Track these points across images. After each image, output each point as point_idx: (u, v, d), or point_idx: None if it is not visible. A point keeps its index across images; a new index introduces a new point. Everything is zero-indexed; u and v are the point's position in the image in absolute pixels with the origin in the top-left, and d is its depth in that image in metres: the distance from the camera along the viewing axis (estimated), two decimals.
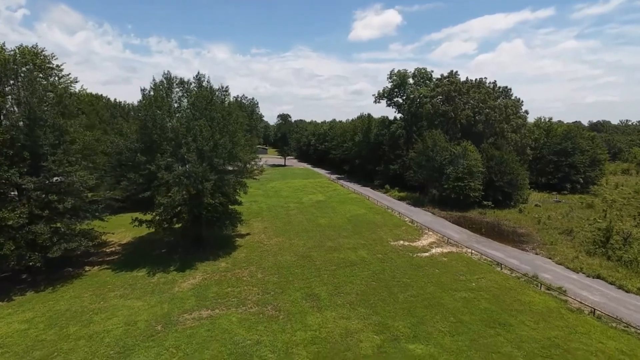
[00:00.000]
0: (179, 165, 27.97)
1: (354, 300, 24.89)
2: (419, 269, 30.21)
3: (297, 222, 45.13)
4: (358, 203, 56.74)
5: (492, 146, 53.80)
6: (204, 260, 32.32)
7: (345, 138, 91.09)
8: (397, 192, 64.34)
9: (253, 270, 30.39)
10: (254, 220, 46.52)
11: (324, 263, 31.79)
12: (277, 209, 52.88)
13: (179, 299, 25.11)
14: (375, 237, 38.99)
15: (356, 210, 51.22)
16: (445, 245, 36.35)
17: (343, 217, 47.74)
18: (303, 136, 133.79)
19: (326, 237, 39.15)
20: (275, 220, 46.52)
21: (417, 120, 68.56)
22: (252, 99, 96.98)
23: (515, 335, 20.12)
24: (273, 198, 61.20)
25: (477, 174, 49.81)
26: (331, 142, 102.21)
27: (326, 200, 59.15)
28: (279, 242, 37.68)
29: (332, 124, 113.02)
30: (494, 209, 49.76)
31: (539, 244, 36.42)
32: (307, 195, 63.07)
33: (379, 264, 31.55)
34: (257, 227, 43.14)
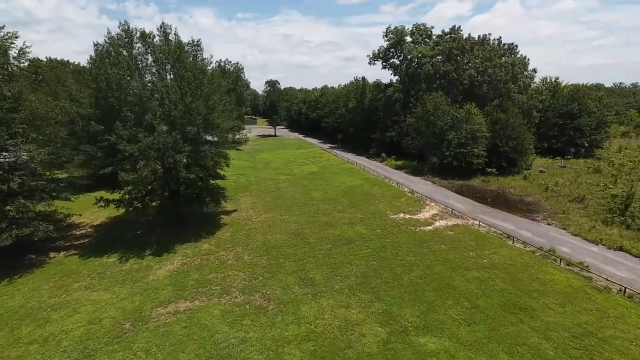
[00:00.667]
0: (145, 135, 23.57)
1: (353, 284, 22.01)
2: (424, 245, 27.37)
3: (289, 196, 41.64)
4: (353, 174, 53.24)
5: (497, 109, 49.75)
6: (185, 242, 28.90)
7: (337, 105, 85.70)
8: (393, 160, 60.81)
9: (239, 251, 27.17)
10: (242, 195, 42.86)
11: (319, 241, 28.70)
12: (266, 182, 49.13)
13: (154, 289, 21.88)
14: (374, 210, 35.89)
15: (351, 182, 47.82)
16: (449, 218, 33.49)
17: (338, 189, 44.36)
18: (293, 104, 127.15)
19: (320, 211, 35.91)
20: (265, 194, 42.93)
21: (415, 83, 63.50)
22: (237, 64, 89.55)
23: (540, 322, 17.54)
24: (262, 170, 57.22)
25: (480, 139, 46.25)
26: (323, 110, 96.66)
27: (319, 171, 55.47)
28: (269, 218, 34.33)
29: (324, 91, 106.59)
30: (498, 176, 46.80)
31: (550, 213, 33.80)
32: (298, 167, 59.21)
33: (379, 240, 28.60)
34: (244, 203, 39.57)
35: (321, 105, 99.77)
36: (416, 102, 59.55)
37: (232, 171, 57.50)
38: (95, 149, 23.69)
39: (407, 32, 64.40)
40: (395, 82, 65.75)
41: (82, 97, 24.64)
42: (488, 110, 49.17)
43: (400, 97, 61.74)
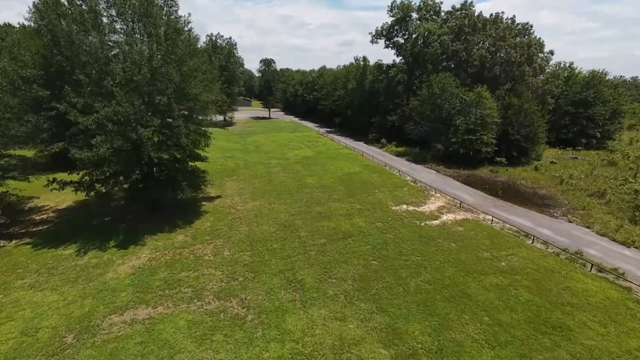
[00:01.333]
0: (104, 105, 19.33)
1: (350, 289, 18.56)
2: (431, 242, 23.94)
3: (280, 182, 37.80)
4: (351, 159, 49.39)
5: (509, 93, 45.75)
6: (157, 231, 25.10)
7: (336, 86, 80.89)
8: (394, 147, 56.97)
9: (219, 245, 23.50)
10: (228, 179, 38.90)
11: (311, 234, 25.11)
12: (256, 166, 45.11)
13: (110, 291, 18.22)
14: (373, 201, 32.30)
15: (349, 168, 44.03)
16: (457, 211, 30.06)
17: (334, 175, 40.58)
18: (289, 86, 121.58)
19: (314, 200, 32.21)
20: (254, 179, 39.00)
21: (420, 63, 59.00)
22: (230, 39, 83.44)
23: (580, 346, 14.30)
24: (253, 153, 53.06)
25: (491, 126, 42.49)
26: (320, 92, 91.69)
27: (315, 156, 51.49)
28: (256, 206, 30.58)
29: (322, 71, 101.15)
30: (507, 166, 43.32)
31: (569, 209, 30.53)
32: (292, 151, 55.11)
33: (380, 235, 25.10)
34: (230, 188, 35.67)
35: (318, 86, 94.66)
36: (420, 84, 55.33)
37: (219, 153, 53.43)
38: (41, 120, 19.46)
39: (414, 7, 59.27)
40: (399, 63, 61.04)
41: (24, 55, 20.19)
42: (500, 95, 45.21)
43: (403, 78, 57.30)
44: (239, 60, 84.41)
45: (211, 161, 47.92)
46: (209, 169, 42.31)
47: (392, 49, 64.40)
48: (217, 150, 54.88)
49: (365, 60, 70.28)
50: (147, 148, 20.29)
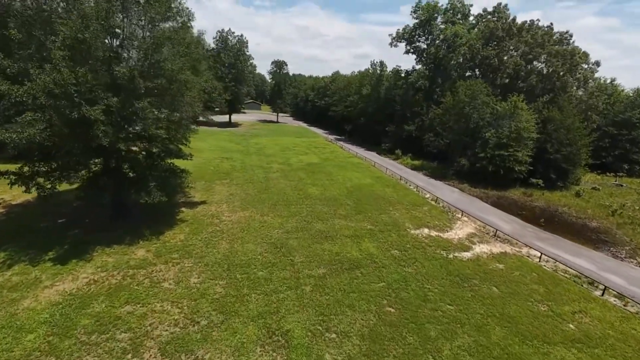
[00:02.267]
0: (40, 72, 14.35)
1: (355, 353, 12.84)
2: (465, 284, 18.12)
3: (278, 190, 32.39)
4: (362, 170, 43.87)
5: (548, 105, 40.04)
6: (114, 243, 19.80)
7: (349, 92, 76.10)
8: (409, 159, 51.36)
9: (187, 267, 18.04)
10: (219, 182, 33.66)
11: (308, 261, 19.51)
12: (254, 169, 39.86)
13: (15, 329, 12.81)
14: (387, 220, 26.62)
15: (359, 179, 38.48)
16: (492, 241, 24.19)
17: (342, 186, 35.04)
18: (301, 90, 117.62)
19: (316, 214, 26.69)
20: (248, 184, 33.67)
21: (443, 70, 53.82)
22: (241, 36, 79.61)
23: None
24: (253, 156, 47.93)
25: (526, 141, 36.71)
26: (332, 97, 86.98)
27: (321, 163, 46.13)
28: (245, 218, 25.16)
29: (335, 77, 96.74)
30: (543, 189, 37.28)
31: (634, 248, 24.43)
32: (297, 156, 49.88)
33: (397, 268, 19.38)
34: (219, 193, 30.37)
35: (330, 92, 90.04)
36: (442, 93, 50.02)
37: (217, 154, 48.56)
38: None
39: (441, 9, 54.41)
40: (419, 69, 55.82)
41: None
42: (537, 107, 39.49)
43: (424, 85, 52.04)
44: (249, 58, 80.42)
45: (205, 161, 43.15)
46: (199, 170, 37.40)
47: (413, 53, 59.46)
48: (215, 150, 50.10)
49: (382, 65, 65.46)
50: (96, 134, 15.09)
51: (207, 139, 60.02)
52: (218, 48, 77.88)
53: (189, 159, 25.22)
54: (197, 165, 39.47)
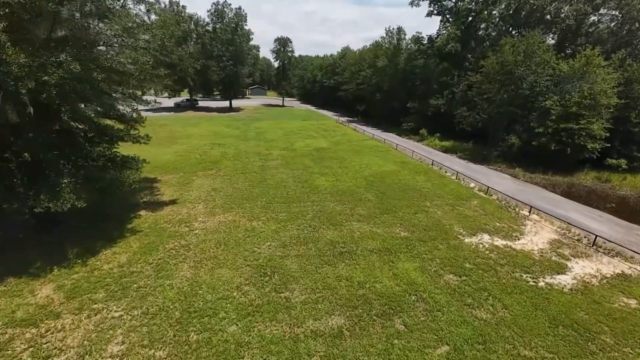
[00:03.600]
0: None
1: None
2: (590, 346, 10.29)
3: (276, 182, 24.79)
4: (381, 154, 35.74)
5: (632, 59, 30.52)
6: (13, 271, 12.73)
7: (361, 67, 67.03)
8: (437, 140, 42.78)
9: (110, 321, 10.76)
10: (202, 174, 26.28)
11: (314, 301, 12.01)
12: (249, 157, 32.28)
13: None
14: (427, 222, 18.77)
15: (380, 166, 30.49)
16: (592, 253, 16.09)
17: (358, 175, 27.19)
18: (307, 71, 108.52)
19: (326, 216, 19.06)
20: (239, 176, 26.17)
21: (474, 33, 44.42)
22: (239, 9, 70.70)
23: None
24: (251, 142, 40.31)
25: (603, 110, 27.78)
26: (342, 75, 77.97)
27: (331, 147, 38.18)
28: (226, 224, 17.76)
29: (345, 52, 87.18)
30: (625, 172, 28.48)
31: None
32: (302, 140, 42.04)
33: (462, 312, 11.67)
34: (198, 189, 23.01)
35: (340, 69, 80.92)
36: (476, 59, 40.92)
37: (208, 139, 41.16)
38: None
39: None
40: (450, 30, 46.19)
41: None
42: (615, 64, 30.14)
43: (455, 48, 42.65)
44: (249, 33, 71.84)
45: (189, 149, 35.72)
46: (180, 160, 30.10)
47: (438, 14, 49.90)
48: (207, 136, 42.75)
49: (400, 32, 55.99)
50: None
51: (201, 124, 52.79)
52: (213, 23, 69.63)
53: (143, 142, 17.72)
54: (178, 154, 32.27)
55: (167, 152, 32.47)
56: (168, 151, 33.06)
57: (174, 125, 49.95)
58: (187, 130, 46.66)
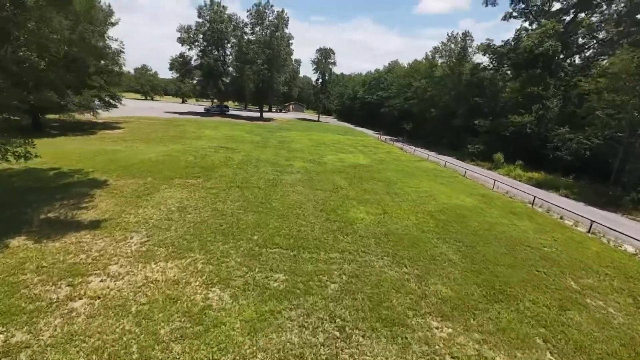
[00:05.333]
0: None
1: None
2: None
3: (286, 207, 15.11)
4: (446, 180, 25.09)
5: None
6: None
7: (412, 79, 57.56)
8: (519, 169, 31.16)
9: None
10: (179, 182, 17.30)
11: None
12: (259, 166, 23.14)
13: None
14: (607, 343, 7.94)
15: (450, 197, 19.88)
16: None
17: (419, 209, 16.77)
18: (348, 88, 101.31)
19: (368, 293, 8.88)
20: (232, 190, 16.82)
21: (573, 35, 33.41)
22: (282, 11, 65.22)
23: None
24: (269, 149, 31.52)
25: None
26: (388, 90, 68.93)
27: (373, 166, 28.25)
28: (152, 289, 8.16)
29: (393, 66, 78.47)
30: None
31: None
32: (335, 154, 32.58)
33: None
34: (157, 204, 13.88)
35: (386, 84, 72.07)
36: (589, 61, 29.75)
37: (215, 142, 32.63)
38: None
39: None
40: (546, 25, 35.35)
41: None
42: None
43: (554, 48, 31.60)
44: (289, 37, 65.70)
45: (186, 150, 27.27)
46: (162, 162, 21.37)
47: (521, 16, 39.70)
48: (219, 139, 34.74)
49: (466, 37, 46.06)
50: None
51: (219, 127, 45.51)
52: (251, 23, 64.46)
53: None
54: (167, 153, 24.01)
55: (154, 151, 24.42)
56: (157, 150, 25.04)
57: (189, 127, 42.97)
58: (201, 132, 39.25)
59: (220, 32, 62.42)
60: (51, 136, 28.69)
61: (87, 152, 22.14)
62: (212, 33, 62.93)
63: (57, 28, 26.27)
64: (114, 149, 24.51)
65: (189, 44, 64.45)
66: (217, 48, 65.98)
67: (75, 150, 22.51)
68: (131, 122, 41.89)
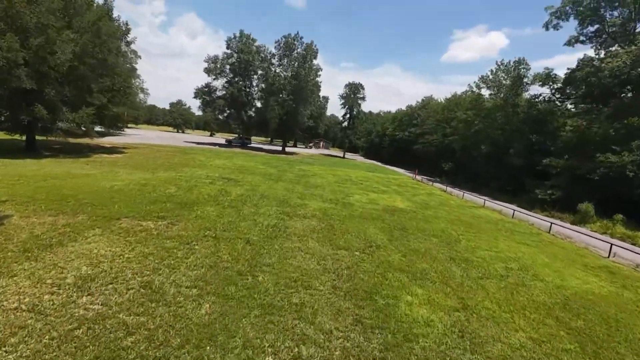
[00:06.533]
0: None
1: None
2: None
3: (276, 296, 8.18)
4: (530, 239, 17.23)
5: None
6: None
7: (451, 115, 51.20)
8: (620, 225, 22.57)
9: None
10: (127, 225, 10.87)
11: None
12: (261, 205, 16.59)
13: None
14: None
15: (562, 274, 12.15)
16: None
17: (521, 297, 9.27)
18: (377, 125, 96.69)
19: None
20: (200, 243, 10.21)
21: None
22: (311, 44, 63.03)
23: None
24: (281, 183, 25.24)
25: None
26: (422, 127, 62.77)
27: (416, 211, 20.96)
28: None
29: (427, 102, 72.91)
30: None
31: None
32: (364, 193, 25.76)
33: None
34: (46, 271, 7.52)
35: (419, 120, 66.15)
36: None
37: (220, 172, 26.95)
38: None
39: None
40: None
41: None
42: None
43: None
44: (317, 70, 62.66)
45: (176, 179, 20.85)
46: (128, 192, 15.63)
47: (592, 39, 33.24)
48: (224, 168, 29.27)
49: (520, 64, 39.72)
50: None
51: (233, 157, 40.64)
52: (279, 55, 62.38)
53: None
54: (144, 183, 18.23)
55: (131, 179, 18.82)
56: (136, 177, 19.48)
57: (200, 156, 38.35)
58: (209, 161, 34.25)
59: (247, 62, 60.57)
60: (38, 157, 24.20)
61: (37, 176, 16.81)
62: (239, 63, 61.29)
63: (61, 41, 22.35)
64: (83, 173, 19.24)
65: (215, 74, 63.09)
66: (243, 79, 64.09)
67: (26, 174, 17.30)
68: (139, 148, 37.96)
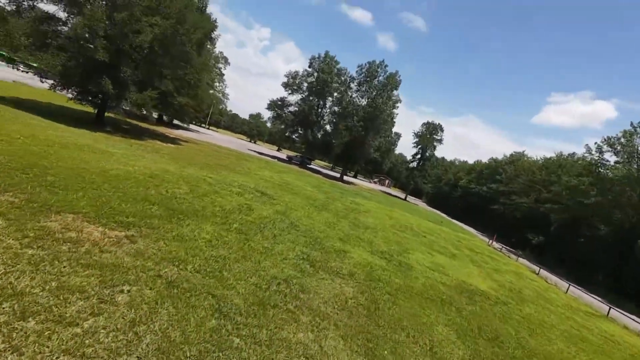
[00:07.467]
0: None
1: None
2: None
3: None
4: None
5: None
6: None
7: (550, 178, 41.34)
8: None
9: None
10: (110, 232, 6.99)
11: None
12: (286, 239, 11.70)
13: None
14: None
15: None
16: None
17: None
18: (449, 172, 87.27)
19: None
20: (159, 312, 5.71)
21: None
22: (396, 74, 59.15)
23: None
24: (325, 213, 20.19)
25: None
26: (507, 185, 52.88)
27: (505, 302, 13.91)
28: None
29: (518, 157, 62.35)
30: None
31: None
32: (427, 253, 19.27)
33: None
34: None
35: (504, 177, 56.23)
36: None
37: (260, 183, 23.08)
38: None
39: None
40: None
41: None
42: None
43: None
44: (395, 101, 58.16)
45: (193, 178, 17.62)
46: (125, 178, 12.21)
47: None
48: (270, 182, 25.58)
49: None
50: None
51: (286, 173, 37.26)
52: (359, 79, 59.62)
53: None
54: (157, 175, 14.92)
55: (152, 169, 15.71)
56: (156, 168, 16.36)
57: (252, 164, 35.78)
58: (257, 170, 31.16)
59: (324, 82, 58.99)
60: (95, 130, 23.33)
61: (40, 140, 14.50)
62: (317, 82, 60.09)
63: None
64: (101, 148, 16.80)
65: (292, 89, 62.79)
66: (318, 98, 62.66)
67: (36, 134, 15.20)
68: (199, 145, 37.04)
